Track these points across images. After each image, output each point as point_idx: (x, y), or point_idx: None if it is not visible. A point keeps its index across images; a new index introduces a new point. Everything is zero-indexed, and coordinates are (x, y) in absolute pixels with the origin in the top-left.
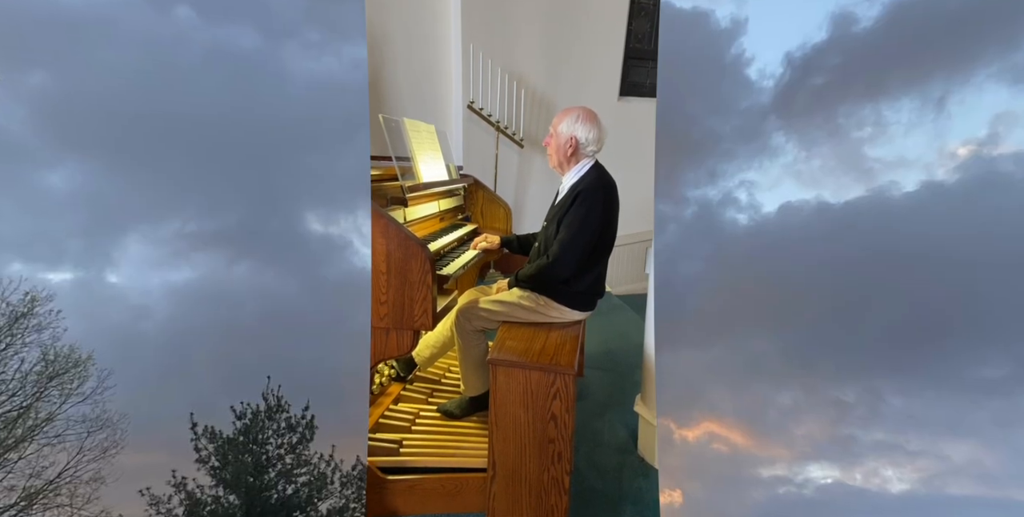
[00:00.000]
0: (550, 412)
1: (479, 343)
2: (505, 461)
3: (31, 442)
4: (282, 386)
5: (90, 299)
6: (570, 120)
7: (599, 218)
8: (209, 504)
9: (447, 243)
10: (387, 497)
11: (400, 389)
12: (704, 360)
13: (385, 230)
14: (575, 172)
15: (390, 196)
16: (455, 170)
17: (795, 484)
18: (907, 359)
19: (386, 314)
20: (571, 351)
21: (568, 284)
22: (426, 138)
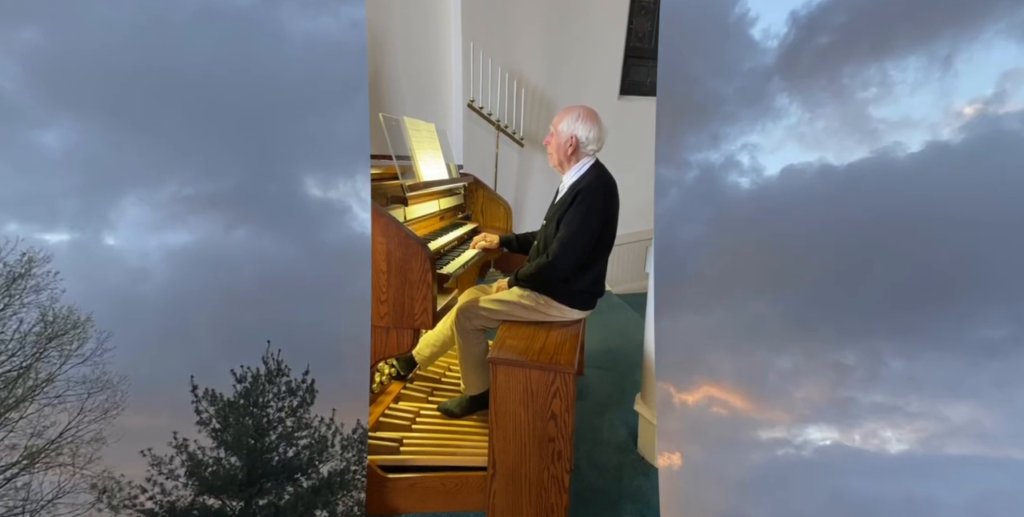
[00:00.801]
0: (550, 411)
1: (479, 342)
2: (505, 460)
3: (32, 402)
4: (282, 350)
5: (88, 261)
6: (570, 119)
7: (599, 217)
8: (211, 465)
9: (447, 242)
10: (387, 495)
11: (400, 388)
12: (704, 324)
13: (385, 229)
14: (575, 171)
15: (390, 195)
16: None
17: (794, 446)
18: (908, 321)
19: (386, 313)
20: (571, 350)
21: (568, 283)
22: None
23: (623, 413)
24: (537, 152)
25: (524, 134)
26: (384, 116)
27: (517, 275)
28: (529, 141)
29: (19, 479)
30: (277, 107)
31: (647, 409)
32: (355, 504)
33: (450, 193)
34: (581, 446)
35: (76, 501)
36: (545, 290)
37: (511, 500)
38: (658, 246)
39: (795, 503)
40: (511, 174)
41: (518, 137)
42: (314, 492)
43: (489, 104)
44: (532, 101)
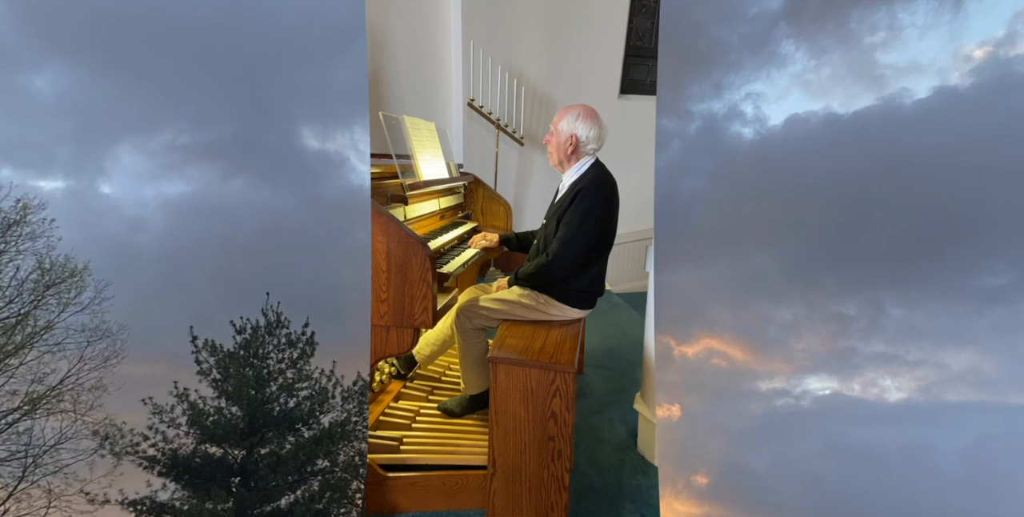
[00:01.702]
0: (550, 410)
1: (479, 341)
2: (505, 458)
3: (31, 349)
4: (282, 302)
5: (83, 209)
6: (570, 118)
7: (599, 216)
8: (212, 415)
9: (447, 241)
10: (388, 494)
11: (400, 387)
12: (705, 277)
13: (385, 228)
14: (575, 170)
15: (390, 194)
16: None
17: (793, 396)
18: (910, 270)
19: (386, 312)
20: (571, 349)
21: (568, 282)
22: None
23: (623, 412)
24: (537, 151)
25: (524, 133)
26: (384, 115)
27: (517, 274)
28: (529, 140)
29: (21, 424)
30: (272, 55)
31: (647, 408)
32: (356, 454)
33: (450, 192)
34: (581, 445)
35: (78, 447)
36: (545, 289)
37: (511, 499)
38: (658, 199)
39: (793, 452)
40: (511, 173)
41: (518, 136)
42: (315, 442)
43: (489, 103)
44: (532, 100)
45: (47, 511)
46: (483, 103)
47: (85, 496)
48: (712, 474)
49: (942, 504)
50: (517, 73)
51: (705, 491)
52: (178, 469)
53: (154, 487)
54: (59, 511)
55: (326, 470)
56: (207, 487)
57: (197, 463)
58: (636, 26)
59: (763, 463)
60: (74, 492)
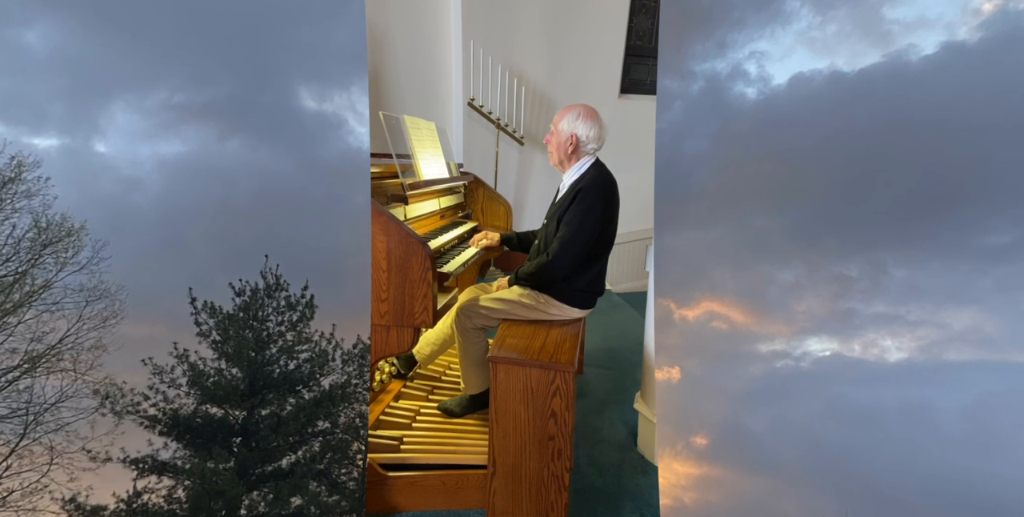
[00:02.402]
0: (550, 409)
1: (479, 341)
2: (505, 458)
3: (29, 308)
4: (280, 265)
5: (79, 168)
6: (571, 118)
7: (599, 216)
8: (212, 376)
9: (447, 241)
10: (388, 493)
11: (401, 386)
12: (706, 240)
13: (385, 227)
14: (575, 170)
15: (390, 193)
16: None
17: (793, 358)
18: (913, 230)
19: (387, 311)
20: (571, 348)
21: (568, 282)
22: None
23: (623, 412)
24: (537, 151)
25: (524, 133)
26: (384, 114)
27: (517, 274)
28: (529, 140)
29: (21, 382)
30: (268, 13)
31: (647, 408)
32: (357, 416)
33: (450, 192)
34: (581, 444)
35: (79, 405)
36: (545, 289)
37: (511, 498)
38: (660, 161)
39: (792, 413)
40: (511, 173)
41: (518, 136)
42: (315, 404)
43: (489, 102)
44: (532, 100)
45: (49, 468)
46: (483, 103)
47: (87, 454)
48: (711, 435)
49: (941, 462)
50: (517, 73)
51: (704, 452)
52: (179, 429)
53: (155, 446)
54: (61, 468)
55: (327, 431)
56: (208, 447)
57: (198, 423)
58: (636, 26)
59: (762, 424)
60: (76, 450)
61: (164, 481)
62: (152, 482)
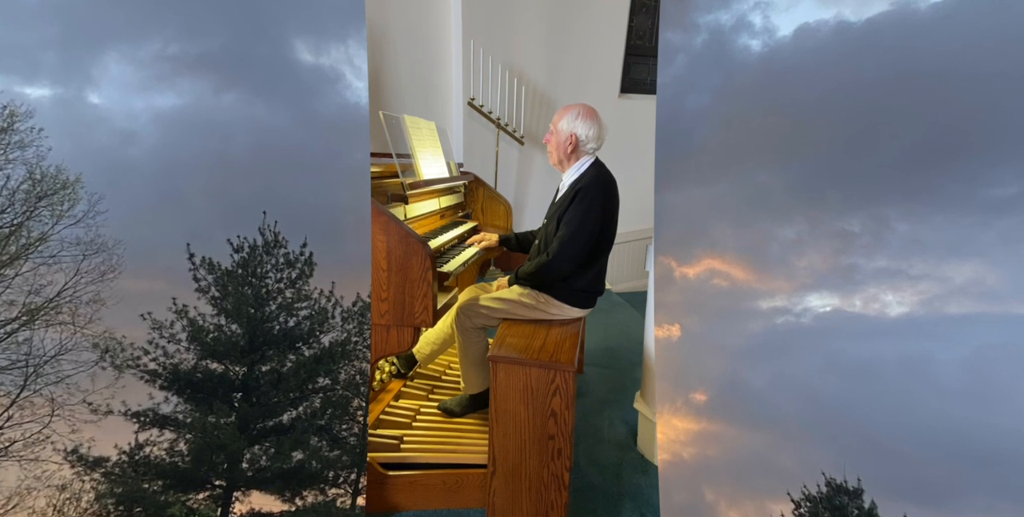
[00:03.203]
0: (550, 409)
1: (479, 340)
2: (505, 457)
3: (26, 260)
4: (279, 222)
5: (72, 119)
6: (570, 117)
7: (599, 215)
8: (212, 331)
9: (447, 240)
10: (388, 493)
11: (401, 386)
12: (707, 197)
13: (386, 227)
14: (575, 169)
15: (391, 193)
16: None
17: (793, 314)
18: (917, 184)
19: (387, 311)
20: (571, 348)
21: (568, 281)
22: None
23: (623, 411)
24: (537, 150)
25: (524, 132)
26: (384, 114)
27: (517, 273)
28: (529, 139)
29: (20, 334)
30: None
31: (647, 407)
32: (357, 373)
33: (450, 191)
34: (581, 444)
35: (79, 358)
36: (545, 288)
37: (511, 497)
38: (661, 117)
39: (792, 368)
40: (511, 172)
41: (518, 135)
42: (316, 361)
43: (489, 102)
44: (532, 99)
45: (51, 419)
46: (483, 102)
47: (88, 406)
48: (711, 391)
49: (939, 413)
50: (517, 72)
51: (703, 408)
52: (180, 383)
53: (156, 400)
54: (63, 420)
55: (327, 388)
56: (209, 401)
57: (198, 378)
58: (636, 25)
59: (762, 380)
60: (76, 402)
61: (166, 434)
62: (154, 435)
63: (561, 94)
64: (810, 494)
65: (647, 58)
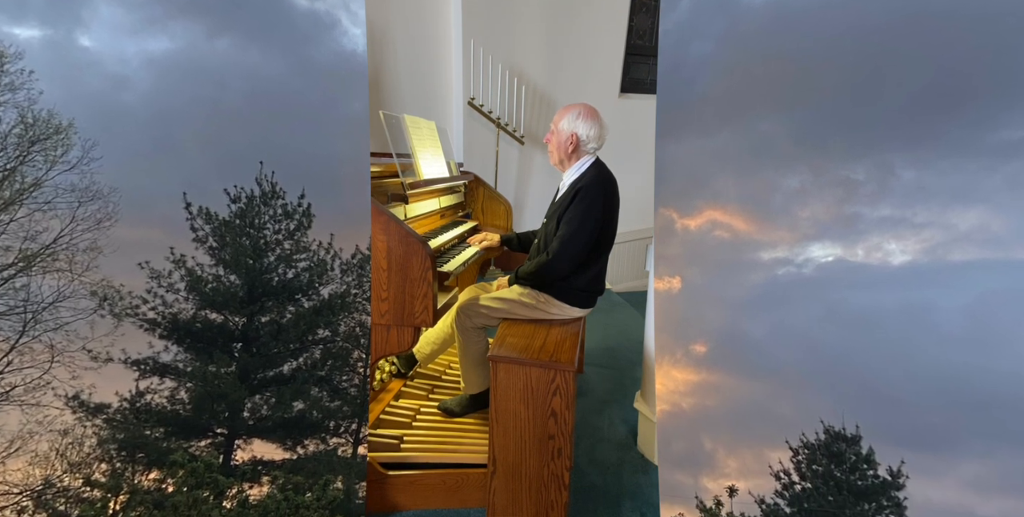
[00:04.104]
0: (550, 408)
1: (479, 340)
2: (505, 457)
3: (20, 206)
4: (276, 172)
5: (63, 62)
6: (571, 117)
7: (599, 215)
8: (210, 282)
9: (448, 240)
10: (388, 492)
11: (401, 385)
12: (710, 147)
13: (386, 226)
14: (576, 169)
15: (391, 193)
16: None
17: (795, 265)
18: (923, 129)
19: (387, 310)
20: (571, 348)
21: (568, 281)
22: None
23: (623, 411)
24: (537, 150)
25: (524, 132)
26: (384, 114)
27: (517, 273)
28: (529, 139)
29: (17, 280)
30: None
31: (647, 407)
32: (357, 325)
33: (450, 191)
34: (581, 443)
35: (77, 306)
36: (545, 288)
37: (511, 497)
38: (663, 65)
39: (792, 318)
40: (511, 172)
41: (518, 135)
42: (315, 312)
43: (489, 102)
44: (532, 99)
45: (51, 365)
46: (483, 102)
47: (88, 353)
48: (711, 343)
49: (939, 360)
50: (517, 72)
51: (703, 359)
52: (179, 333)
53: (156, 349)
54: (63, 366)
55: (327, 339)
56: (209, 351)
57: (198, 328)
58: (636, 25)
59: (762, 330)
60: (76, 349)
61: (166, 383)
62: (154, 383)
63: (561, 94)
64: (808, 441)
65: (647, 58)
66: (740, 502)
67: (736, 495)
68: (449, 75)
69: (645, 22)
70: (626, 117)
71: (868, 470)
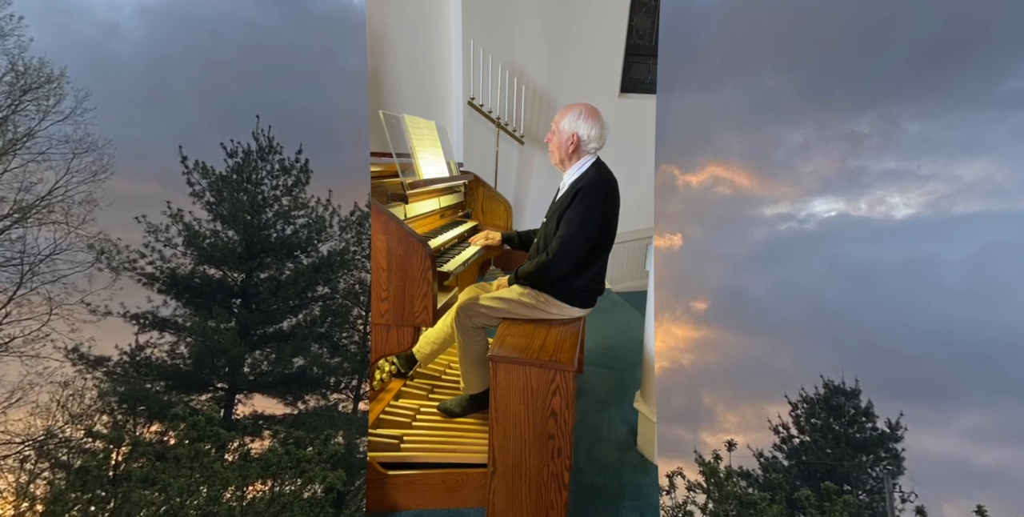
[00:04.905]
0: (550, 408)
1: (479, 340)
2: (505, 457)
3: (14, 156)
4: (273, 127)
5: (53, 8)
6: (572, 117)
7: (599, 215)
8: (208, 237)
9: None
10: (388, 492)
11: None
12: (713, 103)
13: (386, 226)
14: (576, 169)
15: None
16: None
17: (797, 220)
18: (931, 80)
19: (387, 310)
20: (571, 348)
21: (568, 281)
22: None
23: (623, 411)
24: (537, 150)
25: (524, 132)
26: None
27: (517, 273)
28: (529, 139)
29: (13, 232)
30: None
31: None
32: (356, 283)
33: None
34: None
35: (75, 259)
36: (545, 288)
37: (511, 497)
38: (666, 18)
39: (794, 274)
40: (511, 172)
41: (518, 135)
42: (314, 269)
43: (489, 102)
44: (532, 99)
45: (49, 317)
46: (483, 102)
47: (86, 306)
48: (711, 299)
49: (941, 313)
50: (517, 72)
51: (703, 315)
52: (178, 287)
53: (155, 303)
54: (61, 318)
55: (327, 296)
56: (208, 306)
57: (197, 283)
58: (637, 25)
59: (763, 286)
60: (75, 302)
61: (166, 337)
62: (154, 337)
63: (561, 94)
64: (807, 396)
65: (647, 58)
66: (738, 456)
67: (735, 449)
68: (449, 75)
69: (645, 22)
70: (626, 117)
71: (867, 423)
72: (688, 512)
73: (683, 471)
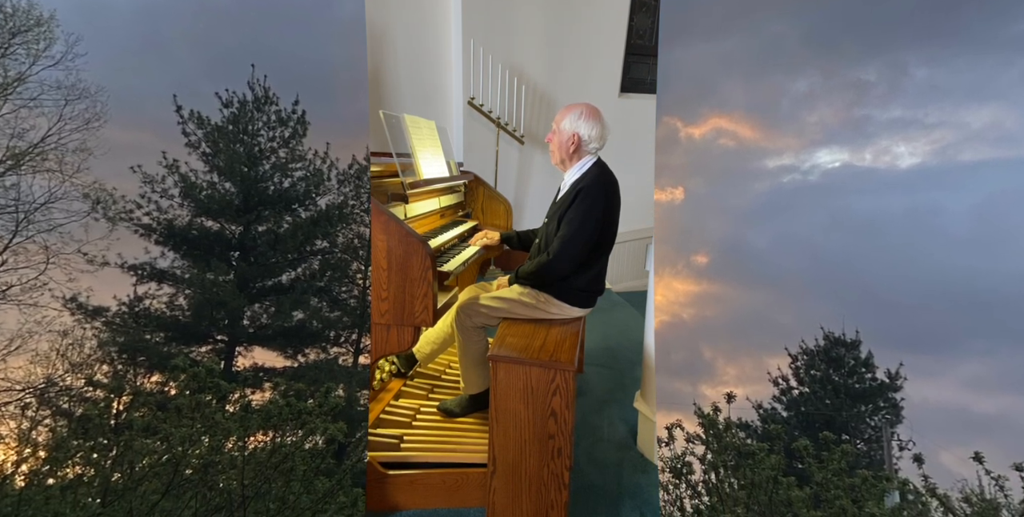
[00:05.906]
0: (550, 408)
1: (479, 340)
2: (505, 456)
3: (5, 102)
4: (268, 76)
5: None
6: (573, 117)
7: (600, 215)
8: (205, 189)
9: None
10: (388, 492)
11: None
12: (717, 53)
13: (386, 226)
14: (577, 169)
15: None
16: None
17: (800, 172)
18: (939, 25)
19: (387, 310)
20: (571, 347)
21: (568, 281)
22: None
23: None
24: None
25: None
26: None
27: (517, 273)
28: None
29: (6, 179)
30: None
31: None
32: (355, 237)
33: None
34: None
35: (70, 208)
36: (545, 288)
37: (511, 496)
38: None
39: (796, 226)
40: (511, 172)
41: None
42: (313, 223)
43: (489, 101)
44: (532, 98)
45: (46, 266)
46: (483, 101)
47: (83, 256)
48: (713, 253)
49: (943, 263)
50: (517, 71)
51: (704, 269)
52: (175, 239)
53: (153, 254)
54: (59, 268)
55: (326, 250)
56: (207, 259)
57: (194, 235)
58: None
59: (764, 240)
60: (72, 251)
61: (164, 288)
62: (152, 288)
63: (561, 94)
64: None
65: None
66: (738, 408)
67: (734, 401)
68: (449, 75)
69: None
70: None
71: (866, 373)
72: (687, 463)
73: (682, 423)
